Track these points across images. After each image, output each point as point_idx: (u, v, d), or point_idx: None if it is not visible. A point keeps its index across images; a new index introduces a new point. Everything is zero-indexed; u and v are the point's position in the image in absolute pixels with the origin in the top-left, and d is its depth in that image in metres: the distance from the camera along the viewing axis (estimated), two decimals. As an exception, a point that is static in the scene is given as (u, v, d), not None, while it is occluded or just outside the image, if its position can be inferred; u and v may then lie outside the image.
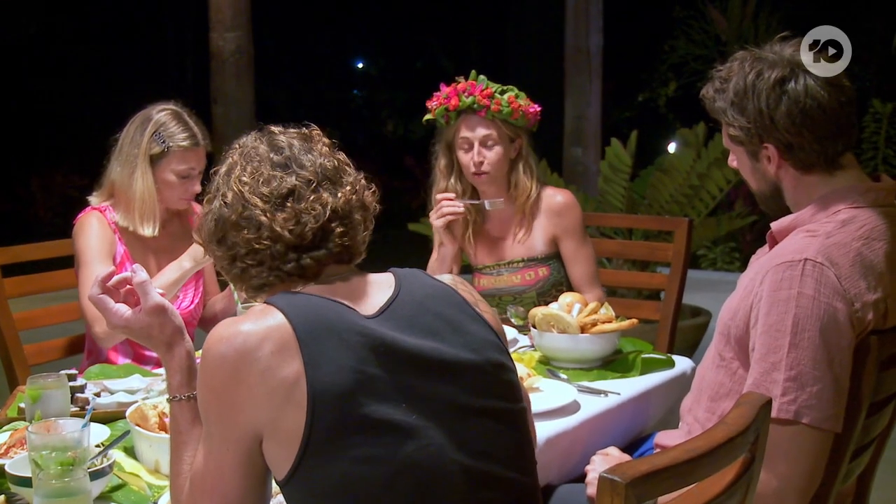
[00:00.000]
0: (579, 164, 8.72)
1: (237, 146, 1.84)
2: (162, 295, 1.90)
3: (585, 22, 8.72)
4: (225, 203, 1.77)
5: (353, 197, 1.79)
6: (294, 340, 1.60)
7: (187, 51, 17.05)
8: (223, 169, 1.82)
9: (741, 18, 10.89)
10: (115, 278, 1.93)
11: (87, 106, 15.18)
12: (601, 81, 8.89)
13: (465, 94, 3.45)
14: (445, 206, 3.50)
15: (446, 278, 1.86)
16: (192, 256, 3.16)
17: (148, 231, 3.23)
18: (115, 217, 3.27)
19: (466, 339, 1.75)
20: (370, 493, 1.59)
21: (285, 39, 17.74)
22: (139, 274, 1.89)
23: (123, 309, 1.90)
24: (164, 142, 3.19)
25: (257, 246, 1.73)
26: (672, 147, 11.16)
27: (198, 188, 3.26)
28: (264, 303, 1.68)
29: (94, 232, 3.21)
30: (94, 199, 3.31)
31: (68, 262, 3.46)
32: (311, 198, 1.74)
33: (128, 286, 1.94)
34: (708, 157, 5.94)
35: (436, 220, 3.52)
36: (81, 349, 3.46)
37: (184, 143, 3.22)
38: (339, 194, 1.77)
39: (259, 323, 1.62)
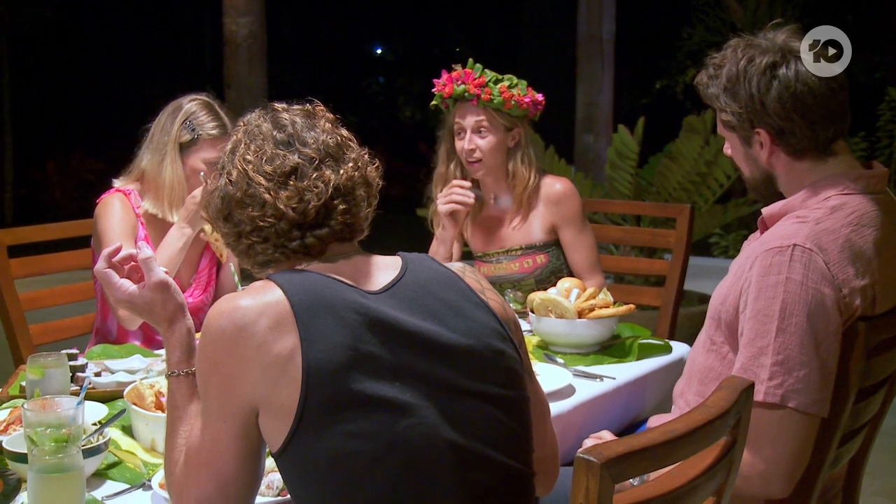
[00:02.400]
0: (591, 151, 8.73)
1: (242, 124, 1.86)
2: (166, 273, 1.94)
3: (598, 9, 8.73)
4: (230, 181, 1.79)
5: (356, 173, 1.81)
6: (291, 316, 1.63)
7: (204, 36, 17.08)
8: (228, 147, 1.85)
9: (756, 6, 10.83)
10: (121, 254, 1.97)
11: (103, 90, 15.23)
12: (613, 68, 8.89)
13: (459, 82, 3.47)
14: (456, 193, 3.51)
15: (455, 266, 1.88)
16: (186, 219, 3.21)
17: (178, 218, 3.27)
18: (140, 202, 3.30)
19: (468, 325, 1.76)
20: (361, 467, 1.61)
21: (303, 25, 17.77)
22: (144, 250, 1.93)
23: (127, 284, 1.94)
24: (193, 130, 3.24)
25: (262, 223, 1.76)
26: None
27: None
28: (265, 279, 1.71)
29: (118, 214, 3.24)
30: (118, 183, 3.34)
31: (74, 243, 3.49)
32: (314, 175, 1.76)
33: (132, 263, 1.98)
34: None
35: (442, 204, 3.53)
36: (87, 330, 3.50)
37: (213, 132, 3.26)
38: (342, 171, 1.79)
39: (257, 298, 1.65)
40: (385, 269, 1.80)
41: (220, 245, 3.28)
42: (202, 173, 3.22)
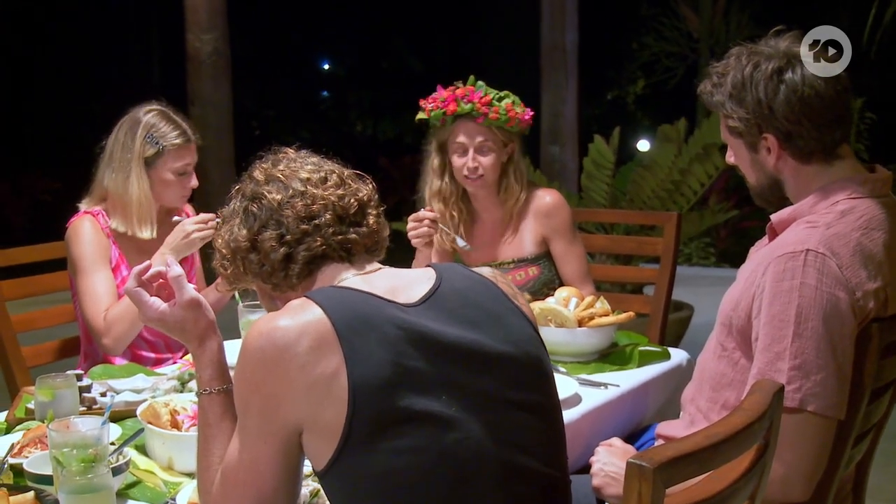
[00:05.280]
0: (556, 162, 8.77)
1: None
2: (196, 289, 1.92)
3: (562, 19, 8.77)
4: (265, 194, 1.82)
5: (377, 195, 1.93)
6: (333, 335, 1.61)
7: (153, 52, 16.99)
8: (247, 188, 1.88)
9: (712, 15, 10.98)
10: (151, 272, 1.95)
11: (56, 109, 15.08)
12: (577, 79, 8.93)
13: (464, 100, 3.45)
14: (416, 233, 3.47)
15: (485, 271, 1.88)
16: (173, 248, 3.18)
17: (146, 234, 3.25)
18: (109, 222, 3.27)
19: (507, 332, 1.76)
20: (408, 484, 1.61)
21: (253, 41, 17.71)
22: (174, 268, 1.91)
23: (158, 302, 1.92)
24: (157, 143, 3.21)
25: (314, 207, 1.79)
26: (642, 145, 11.22)
27: (195, 183, 3.31)
28: (303, 297, 1.69)
29: (89, 237, 3.21)
30: (83, 206, 3.31)
31: (59, 265, 3.45)
32: (351, 186, 1.87)
33: (160, 280, 1.96)
34: (689, 153, 5.98)
35: (412, 239, 3.50)
36: (76, 351, 3.46)
37: (177, 142, 3.24)
38: (370, 186, 1.92)
39: (297, 318, 1.63)
40: (419, 281, 1.80)
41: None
42: (174, 217, 3.23)
